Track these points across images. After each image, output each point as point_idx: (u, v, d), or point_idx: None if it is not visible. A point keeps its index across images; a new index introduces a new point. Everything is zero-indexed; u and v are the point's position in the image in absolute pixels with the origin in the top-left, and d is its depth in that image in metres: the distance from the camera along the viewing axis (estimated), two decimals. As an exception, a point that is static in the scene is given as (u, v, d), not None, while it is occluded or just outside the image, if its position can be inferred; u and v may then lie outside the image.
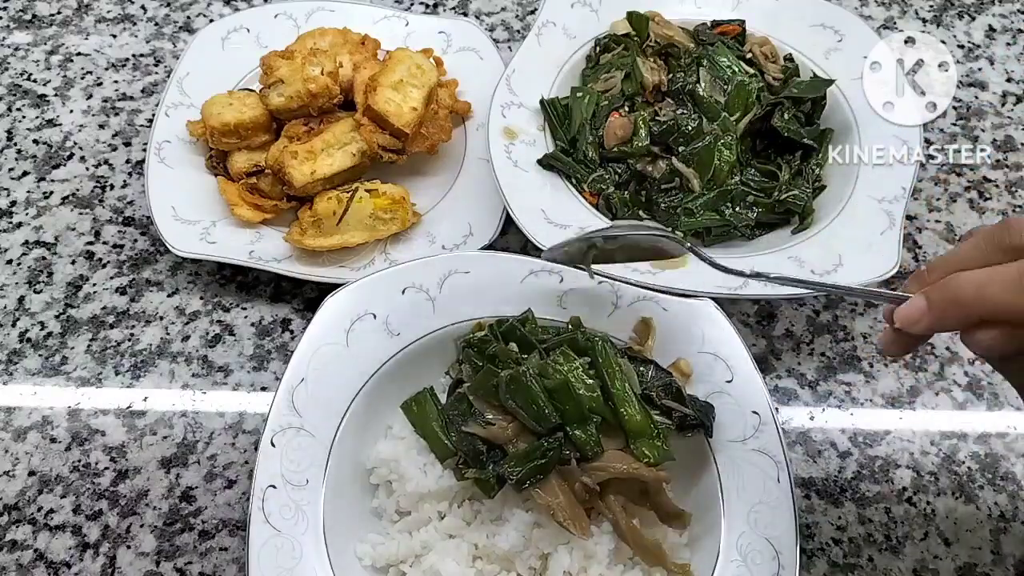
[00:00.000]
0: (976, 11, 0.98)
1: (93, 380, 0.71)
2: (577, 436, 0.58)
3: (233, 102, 0.80)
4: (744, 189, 0.75)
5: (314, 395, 0.62)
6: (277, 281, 0.76)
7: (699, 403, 0.63)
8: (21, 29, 0.96)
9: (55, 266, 0.78)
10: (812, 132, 0.79)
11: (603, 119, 0.78)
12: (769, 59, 0.82)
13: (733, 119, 0.77)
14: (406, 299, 0.65)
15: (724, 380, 0.64)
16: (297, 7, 0.90)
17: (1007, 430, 0.69)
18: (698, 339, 0.65)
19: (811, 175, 0.78)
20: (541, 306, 0.65)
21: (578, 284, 0.66)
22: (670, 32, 0.82)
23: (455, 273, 0.66)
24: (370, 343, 0.64)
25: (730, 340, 0.64)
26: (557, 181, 0.76)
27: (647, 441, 0.60)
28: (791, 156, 0.78)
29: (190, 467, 0.67)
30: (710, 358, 0.64)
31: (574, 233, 0.70)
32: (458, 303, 0.65)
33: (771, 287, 0.67)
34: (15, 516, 0.65)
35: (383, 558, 0.59)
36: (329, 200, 0.75)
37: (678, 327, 0.65)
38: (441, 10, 0.99)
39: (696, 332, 0.65)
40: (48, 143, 0.86)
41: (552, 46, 0.83)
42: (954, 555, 0.64)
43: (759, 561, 0.57)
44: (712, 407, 0.62)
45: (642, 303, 0.66)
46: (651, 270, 0.68)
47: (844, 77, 0.80)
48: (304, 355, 0.62)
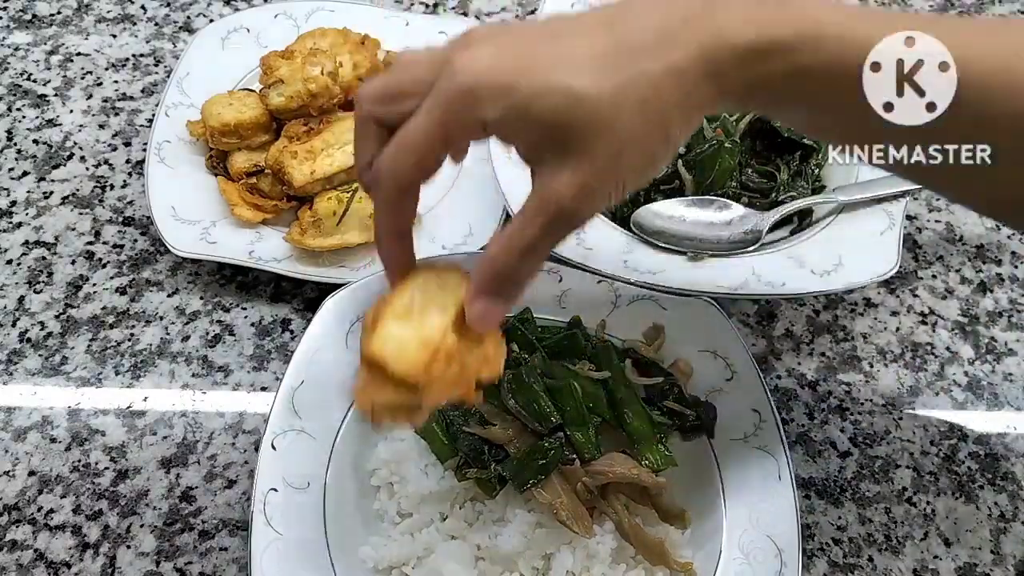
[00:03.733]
0: (976, 11, 0.98)
1: (93, 380, 0.71)
2: (576, 438, 0.58)
3: (233, 102, 0.80)
4: (739, 191, 0.75)
5: (314, 397, 0.61)
6: (277, 281, 0.76)
7: (700, 403, 0.63)
8: (21, 29, 0.96)
9: (55, 266, 0.78)
10: None
11: None
12: None
13: (733, 119, 0.77)
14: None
15: (724, 379, 0.64)
16: (297, 7, 0.90)
17: (1007, 430, 0.69)
18: (697, 338, 0.65)
19: (811, 175, 0.77)
20: (540, 306, 0.65)
21: (577, 284, 0.66)
22: None
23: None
24: None
25: (729, 338, 0.64)
26: None
27: (650, 446, 0.60)
28: (790, 156, 0.78)
29: (190, 467, 0.67)
30: (709, 356, 0.64)
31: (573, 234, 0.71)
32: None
33: (771, 287, 0.67)
34: (15, 516, 0.65)
35: (385, 560, 0.59)
36: (329, 200, 0.75)
37: (677, 326, 0.65)
38: (441, 10, 0.99)
39: (695, 331, 0.65)
40: (48, 143, 0.86)
41: None
42: (954, 555, 0.64)
43: (761, 559, 0.57)
44: (713, 407, 0.62)
45: (640, 303, 0.66)
46: (651, 270, 0.69)
47: None
48: (304, 356, 0.62)
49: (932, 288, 0.77)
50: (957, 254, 0.79)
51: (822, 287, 0.68)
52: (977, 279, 0.78)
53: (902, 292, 0.77)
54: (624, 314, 0.66)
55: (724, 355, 0.64)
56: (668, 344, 0.65)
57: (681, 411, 0.62)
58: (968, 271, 0.78)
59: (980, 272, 0.78)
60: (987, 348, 0.74)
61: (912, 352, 0.73)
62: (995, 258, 0.79)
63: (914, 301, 0.76)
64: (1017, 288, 0.77)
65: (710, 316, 0.65)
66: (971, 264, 0.79)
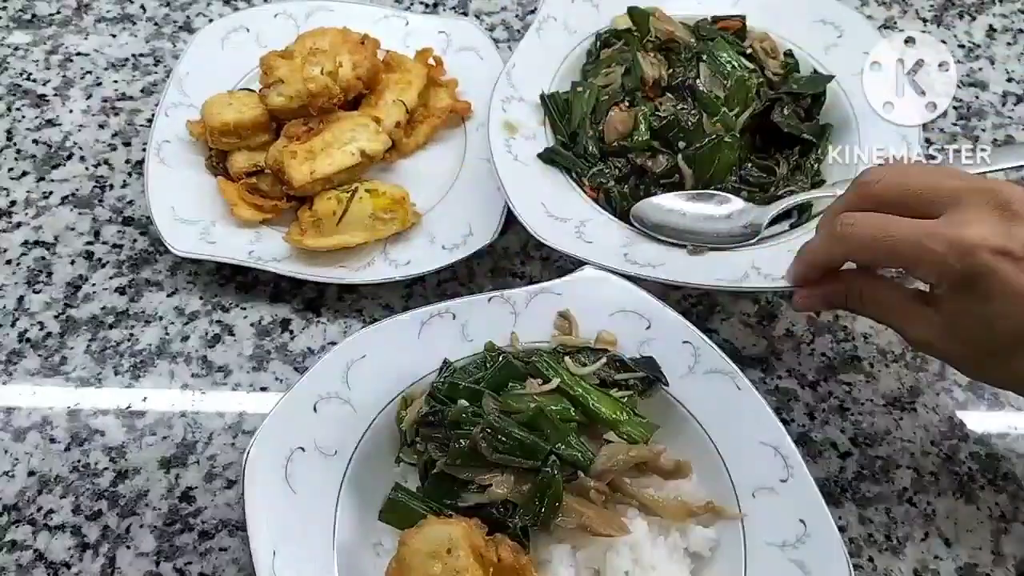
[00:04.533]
0: (977, 11, 0.98)
1: (93, 380, 0.71)
2: (567, 455, 0.57)
3: (233, 102, 0.80)
4: (739, 186, 0.76)
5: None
6: (277, 281, 0.76)
7: (640, 360, 0.64)
8: (21, 29, 0.96)
9: (54, 266, 0.78)
10: (812, 128, 0.79)
11: (603, 114, 0.78)
12: (769, 55, 0.82)
13: (733, 114, 0.77)
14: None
15: (644, 328, 0.65)
16: (297, 7, 0.90)
17: (1007, 430, 0.69)
18: (604, 305, 0.66)
19: (810, 170, 0.78)
20: (447, 351, 0.64)
21: (471, 312, 0.65)
22: (671, 27, 0.82)
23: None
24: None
25: (630, 292, 0.65)
26: (557, 175, 0.76)
27: (627, 422, 0.60)
28: (790, 151, 0.79)
29: (190, 467, 0.67)
30: (622, 316, 0.65)
31: (573, 227, 0.71)
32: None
33: (772, 280, 0.67)
34: (15, 516, 0.65)
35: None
36: (329, 200, 0.75)
37: (580, 304, 0.66)
38: (441, 10, 0.99)
39: (598, 300, 0.66)
40: (48, 143, 0.86)
41: (553, 41, 0.83)
42: (955, 555, 0.63)
43: (766, 467, 0.59)
44: (651, 358, 0.64)
45: (536, 300, 0.66)
46: (651, 263, 0.69)
47: (844, 73, 0.81)
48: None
49: (932, 288, 0.77)
50: (957, 254, 0.79)
51: None
52: (977, 279, 0.78)
53: (902, 292, 0.77)
54: (527, 318, 0.65)
55: (634, 309, 0.65)
56: (581, 324, 0.66)
57: (631, 377, 0.63)
58: (968, 271, 0.78)
59: (980, 272, 0.78)
60: (987, 348, 0.74)
61: (912, 352, 0.73)
62: (995, 258, 0.79)
63: (914, 301, 0.76)
64: (1017, 288, 0.77)
65: (599, 280, 0.66)
66: (971, 264, 0.79)
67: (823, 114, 0.81)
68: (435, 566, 0.52)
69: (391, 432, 0.63)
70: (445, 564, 0.52)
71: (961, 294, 0.52)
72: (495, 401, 0.59)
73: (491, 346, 0.64)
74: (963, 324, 0.54)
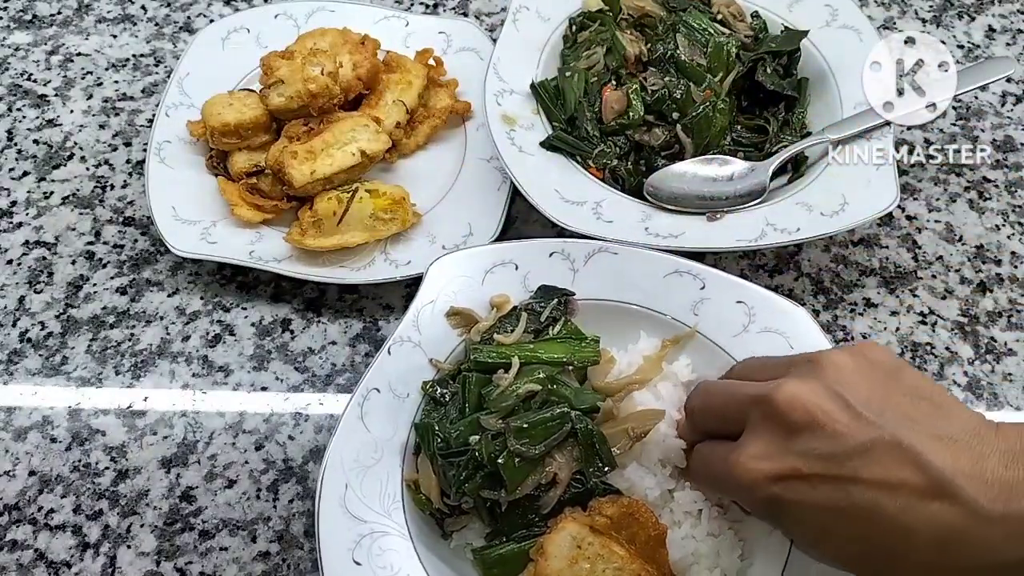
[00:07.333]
0: (976, 11, 0.98)
1: (93, 380, 0.71)
2: (579, 404, 0.59)
3: (233, 102, 0.80)
4: (736, 147, 0.78)
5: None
6: (277, 281, 0.76)
7: (540, 293, 0.66)
8: (21, 29, 0.96)
9: (55, 266, 0.78)
10: (792, 83, 0.82)
11: (596, 95, 0.79)
12: (737, 18, 0.84)
13: (717, 79, 0.78)
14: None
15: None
16: (297, 7, 0.90)
17: (1007, 430, 0.69)
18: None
19: (797, 123, 0.81)
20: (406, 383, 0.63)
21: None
22: (641, 3, 0.84)
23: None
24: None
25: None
26: (562, 160, 0.77)
27: (579, 350, 0.63)
28: (775, 108, 0.81)
29: (190, 467, 0.67)
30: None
31: (591, 209, 0.72)
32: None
33: (788, 235, 0.70)
34: (15, 516, 0.65)
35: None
36: (329, 200, 0.75)
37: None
38: (441, 10, 0.99)
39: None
40: (48, 143, 0.86)
41: (529, 30, 0.83)
42: (954, 555, 0.63)
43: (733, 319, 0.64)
44: (543, 285, 0.66)
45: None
46: (672, 233, 0.70)
47: (811, 26, 0.83)
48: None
49: (932, 288, 0.77)
50: (957, 254, 0.79)
51: (835, 227, 0.70)
52: (977, 279, 0.78)
53: (902, 292, 0.77)
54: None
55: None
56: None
57: (549, 310, 0.65)
58: (968, 271, 0.78)
59: (980, 272, 0.78)
60: (987, 348, 0.74)
61: (912, 352, 0.73)
62: (995, 258, 0.79)
63: (914, 301, 0.76)
64: (1017, 288, 0.77)
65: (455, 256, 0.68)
66: (971, 264, 0.79)
67: (799, 69, 0.83)
68: (581, 568, 0.52)
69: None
70: (587, 558, 0.53)
71: (771, 520, 0.51)
72: (491, 415, 0.59)
73: (425, 386, 0.63)
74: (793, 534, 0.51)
